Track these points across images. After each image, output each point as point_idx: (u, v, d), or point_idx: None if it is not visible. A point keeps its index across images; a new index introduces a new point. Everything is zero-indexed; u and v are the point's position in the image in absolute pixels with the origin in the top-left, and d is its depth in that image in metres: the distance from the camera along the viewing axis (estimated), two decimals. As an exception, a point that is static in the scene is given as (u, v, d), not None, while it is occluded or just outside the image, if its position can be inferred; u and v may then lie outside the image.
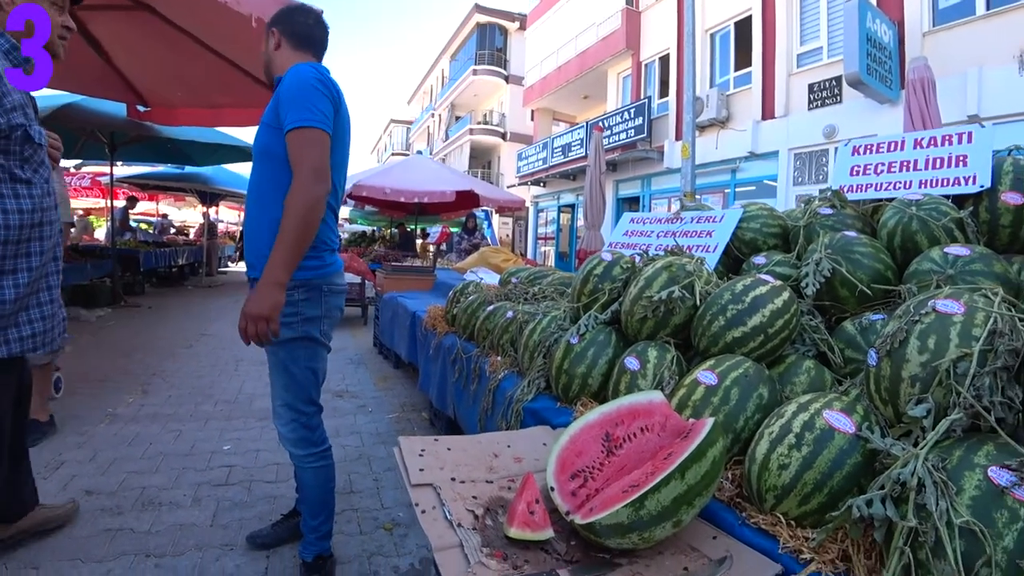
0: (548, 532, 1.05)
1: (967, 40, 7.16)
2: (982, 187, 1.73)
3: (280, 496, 2.39)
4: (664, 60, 12.60)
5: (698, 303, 1.64)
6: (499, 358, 2.38)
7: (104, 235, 11.47)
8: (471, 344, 2.72)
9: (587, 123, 13.91)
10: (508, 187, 19.66)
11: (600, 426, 1.23)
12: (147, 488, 2.39)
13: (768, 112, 9.85)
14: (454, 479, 1.25)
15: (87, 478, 2.43)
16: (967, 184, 1.78)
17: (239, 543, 2.02)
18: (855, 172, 2.20)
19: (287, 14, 1.79)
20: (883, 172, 2.12)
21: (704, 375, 1.36)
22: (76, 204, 12.86)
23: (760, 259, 1.98)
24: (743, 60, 10.53)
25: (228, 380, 4.21)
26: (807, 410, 1.12)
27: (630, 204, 13.70)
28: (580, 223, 14.29)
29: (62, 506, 2.09)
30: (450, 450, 1.39)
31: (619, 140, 12.75)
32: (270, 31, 1.79)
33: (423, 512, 1.12)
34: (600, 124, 11.42)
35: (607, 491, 1.07)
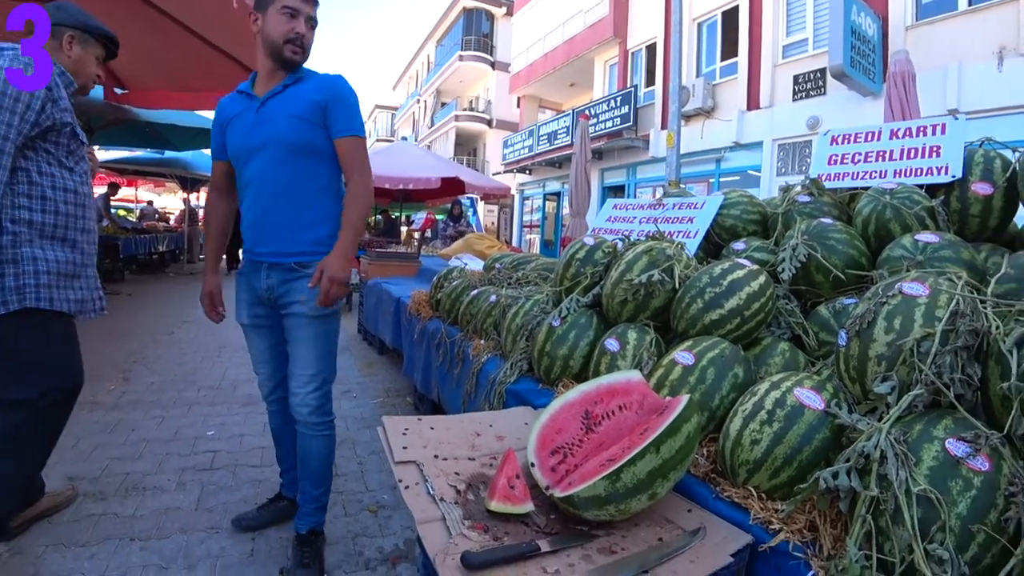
0: (528, 506, 1.08)
1: (948, 35, 7.24)
2: (954, 177, 1.78)
3: (265, 480, 2.40)
4: (651, 49, 12.58)
5: (677, 286, 1.67)
6: (482, 341, 2.40)
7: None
8: (455, 328, 2.74)
9: (573, 111, 13.85)
10: (494, 174, 19.56)
11: (580, 404, 1.26)
12: (131, 474, 2.38)
13: (753, 103, 9.91)
14: (437, 456, 1.27)
15: (69, 464, 2.41)
16: (939, 174, 1.84)
17: (224, 526, 2.03)
18: (833, 161, 2.25)
19: None
20: (860, 161, 2.17)
21: (681, 355, 1.40)
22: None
23: (739, 245, 2.02)
24: (729, 50, 10.56)
25: (211, 366, 4.18)
26: (779, 388, 1.16)
27: (615, 192, 13.72)
28: (565, 211, 14.30)
29: (63, 492, 2.10)
30: (433, 429, 1.41)
31: (605, 128, 12.74)
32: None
33: (406, 488, 1.14)
34: (586, 112, 11.40)
35: (586, 466, 1.10)
